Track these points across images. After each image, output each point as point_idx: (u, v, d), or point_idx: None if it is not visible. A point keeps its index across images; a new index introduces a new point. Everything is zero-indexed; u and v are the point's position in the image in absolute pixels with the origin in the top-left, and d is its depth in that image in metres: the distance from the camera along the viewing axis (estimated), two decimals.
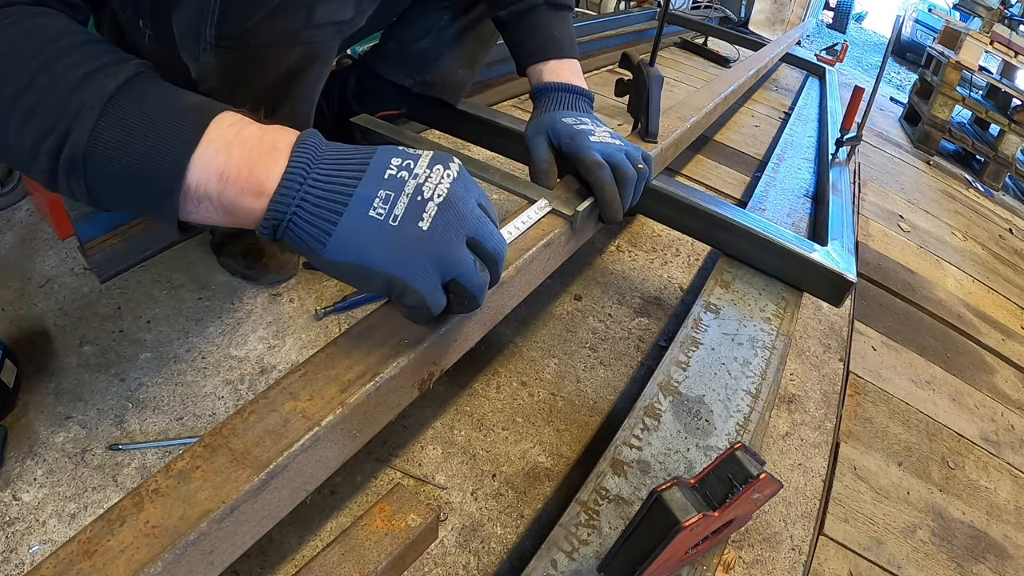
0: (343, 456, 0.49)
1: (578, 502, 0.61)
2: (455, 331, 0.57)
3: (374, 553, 0.58)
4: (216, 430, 0.42)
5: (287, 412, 0.44)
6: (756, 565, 0.75)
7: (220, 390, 0.79)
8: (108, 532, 0.36)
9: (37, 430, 0.70)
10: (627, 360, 0.98)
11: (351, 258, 0.42)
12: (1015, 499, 1.02)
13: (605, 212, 0.75)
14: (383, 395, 0.50)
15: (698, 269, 1.26)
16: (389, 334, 0.52)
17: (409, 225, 0.42)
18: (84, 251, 0.90)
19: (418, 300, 0.44)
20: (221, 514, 0.38)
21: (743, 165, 1.88)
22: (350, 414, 0.46)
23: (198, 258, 0.98)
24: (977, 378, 1.31)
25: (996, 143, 3.14)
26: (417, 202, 0.43)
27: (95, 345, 0.81)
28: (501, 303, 0.65)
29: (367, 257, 0.42)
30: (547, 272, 0.74)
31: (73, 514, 0.63)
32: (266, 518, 0.43)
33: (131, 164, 0.40)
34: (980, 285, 1.77)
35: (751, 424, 0.73)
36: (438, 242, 0.43)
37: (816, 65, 3.03)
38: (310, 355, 0.49)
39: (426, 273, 0.43)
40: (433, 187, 0.43)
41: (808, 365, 1.12)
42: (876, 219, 1.91)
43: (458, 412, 0.83)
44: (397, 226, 0.42)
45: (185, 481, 0.39)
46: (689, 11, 3.92)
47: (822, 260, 0.93)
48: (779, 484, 0.48)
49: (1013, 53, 3.20)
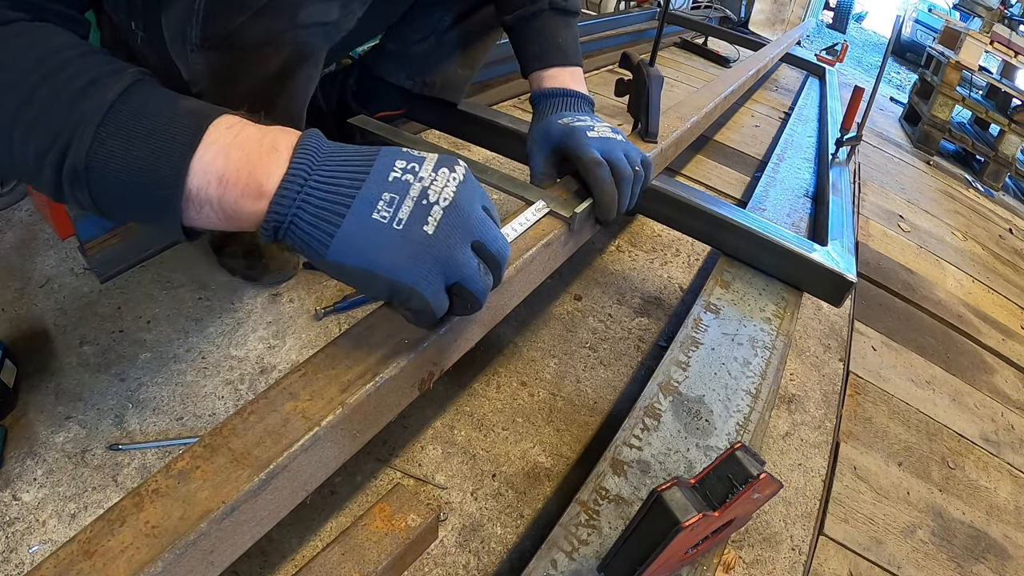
0: (343, 456, 0.49)
1: (578, 502, 0.61)
2: (455, 332, 0.57)
3: (374, 553, 0.58)
4: (216, 430, 0.42)
5: (287, 412, 0.44)
6: (756, 565, 0.75)
7: (220, 390, 0.79)
8: (108, 532, 0.36)
9: (37, 430, 0.70)
10: (627, 360, 0.98)
11: (354, 262, 0.42)
12: (1015, 499, 1.02)
13: (600, 212, 0.75)
14: (383, 395, 0.50)
15: (698, 269, 1.26)
16: (389, 334, 0.52)
17: (414, 229, 0.42)
18: (84, 251, 0.90)
19: (422, 305, 0.44)
20: (221, 514, 0.38)
21: (743, 165, 1.88)
22: (350, 414, 0.46)
23: (198, 258, 0.98)
24: (977, 378, 1.31)
25: (996, 143, 3.14)
26: (423, 205, 0.42)
27: (95, 345, 0.81)
28: (501, 304, 0.65)
29: (371, 261, 0.42)
30: (546, 273, 0.74)
31: (73, 514, 0.63)
32: (266, 518, 0.43)
33: (132, 172, 0.40)
34: (980, 285, 1.77)
35: (751, 424, 0.73)
36: (443, 246, 0.43)
37: (816, 65, 3.04)
38: (310, 355, 0.49)
39: (431, 277, 0.43)
40: (439, 190, 0.43)
41: (808, 365, 1.12)
42: (876, 219, 1.91)
43: (458, 412, 0.83)
44: (401, 229, 0.42)
45: (185, 481, 0.39)
46: (689, 11, 3.92)
47: (822, 260, 0.93)
48: (779, 484, 0.48)
49: (1013, 53, 3.20)
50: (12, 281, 0.88)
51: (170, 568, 0.36)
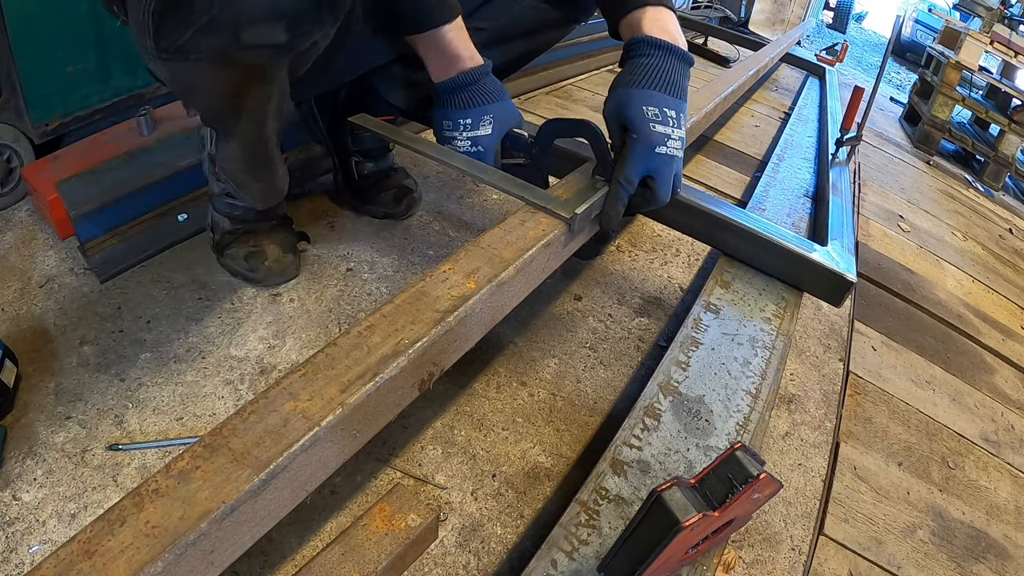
0: (343, 456, 0.49)
1: (578, 502, 0.61)
2: (455, 331, 0.57)
3: (374, 553, 0.58)
4: (216, 430, 0.42)
5: (287, 412, 0.44)
6: (756, 565, 0.75)
7: (220, 390, 0.79)
8: (108, 532, 0.36)
9: (37, 430, 0.70)
10: (627, 360, 0.98)
11: None
12: (1015, 499, 1.02)
13: (602, 219, 0.79)
14: (383, 395, 0.50)
15: (698, 269, 1.26)
16: (389, 334, 0.52)
17: None
18: (84, 251, 0.90)
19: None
20: (221, 514, 0.38)
21: (743, 165, 1.88)
22: (350, 414, 0.46)
23: (198, 258, 0.98)
24: (977, 378, 1.31)
25: (996, 143, 3.14)
26: None
27: (95, 345, 0.81)
28: (501, 304, 0.65)
29: None
30: (547, 272, 0.75)
31: (73, 514, 0.63)
32: (266, 518, 0.43)
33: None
34: (980, 285, 1.77)
35: (751, 424, 0.73)
36: None
37: (816, 65, 3.04)
38: (310, 355, 0.49)
39: None
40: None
41: (808, 365, 1.12)
42: (876, 219, 1.91)
43: (458, 412, 0.83)
44: None
45: (185, 481, 0.39)
46: (689, 11, 3.92)
47: (822, 260, 0.93)
48: (779, 484, 0.48)
49: (1013, 53, 3.20)
50: (12, 281, 0.88)
51: (170, 568, 0.36)
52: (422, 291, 0.58)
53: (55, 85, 1.02)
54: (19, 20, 0.93)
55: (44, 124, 1.04)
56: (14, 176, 1.02)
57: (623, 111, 0.75)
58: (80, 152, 1.01)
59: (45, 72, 1.00)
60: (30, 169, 1.00)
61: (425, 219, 1.19)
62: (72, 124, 1.08)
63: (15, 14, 0.92)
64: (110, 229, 0.92)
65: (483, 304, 0.61)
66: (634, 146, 0.74)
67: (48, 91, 1.02)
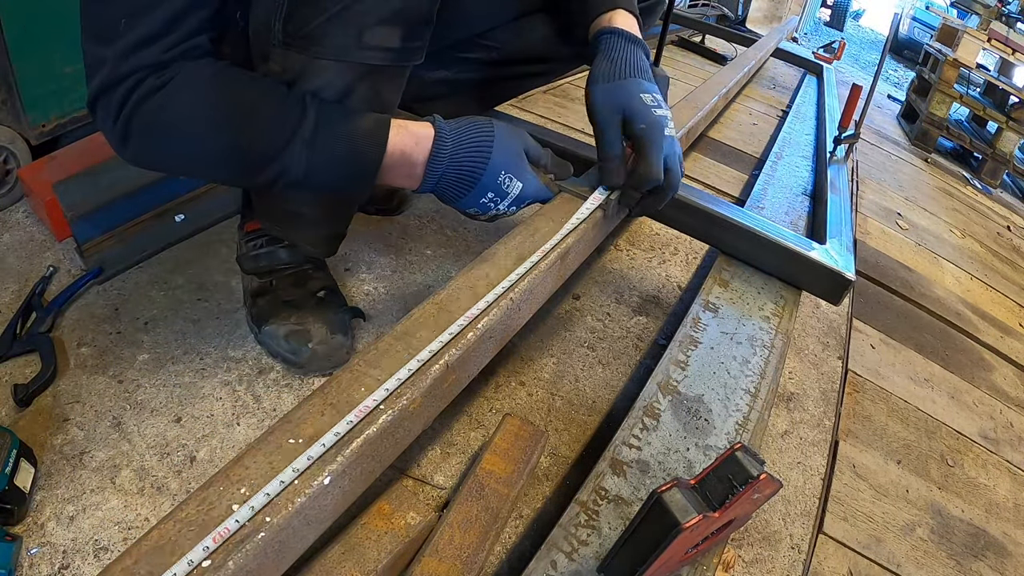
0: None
1: (577, 502, 0.61)
2: (472, 341, 0.58)
3: (374, 552, 0.58)
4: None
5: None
6: (756, 564, 0.75)
7: (218, 391, 0.79)
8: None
9: (35, 432, 0.70)
10: (626, 359, 0.98)
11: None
12: (1014, 496, 1.02)
13: (622, 198, 0.81)
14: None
15: (696, 268, 1.26)
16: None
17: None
18: (81, 252, 0.90)
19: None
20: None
21: (741, 163, 1.88)
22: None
23: (196, 259, 0.97)
24: (976, 375, 1.31)
25: (994, 140, 3.14)
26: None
27: (92, 347, 0.81)
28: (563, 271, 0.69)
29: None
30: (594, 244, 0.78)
31: (72, 516, 0.63)
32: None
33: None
34: (978, 282, 1.78)
35: (750, 423, 0.73)
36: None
37: (813, 63, 3.04)
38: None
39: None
40: None
41: (807, 363, 1.12)
42: (874, 217, 1.91)
43: (456, 412, 0.83)
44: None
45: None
46: (686, 9, 3.92)
47: (820, 258, 0.93)
48: (779, 484, 0.48)
49: (1011, 50, 3.21)
50: (9, 283, 0.88)
51: None
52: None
53: (52, 86, 1.02)
54: (16, 21, 0.93)
55: (41, 125, 1.03)
56: (11, 177, 1.02)
57: (625, 102, 0.75)
58: (77, 153, 1.01)
59: (42, 73, 1.00)
60: (27, 170, 1.00)
61: (422, 219, 1.19)
62: (69, 125, 1.07)
63: (12, 15, 0.92)
64: (107, 230, 0.91)
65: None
66: (650, 134, 0.74)
67: (45, 92, 1.02)
